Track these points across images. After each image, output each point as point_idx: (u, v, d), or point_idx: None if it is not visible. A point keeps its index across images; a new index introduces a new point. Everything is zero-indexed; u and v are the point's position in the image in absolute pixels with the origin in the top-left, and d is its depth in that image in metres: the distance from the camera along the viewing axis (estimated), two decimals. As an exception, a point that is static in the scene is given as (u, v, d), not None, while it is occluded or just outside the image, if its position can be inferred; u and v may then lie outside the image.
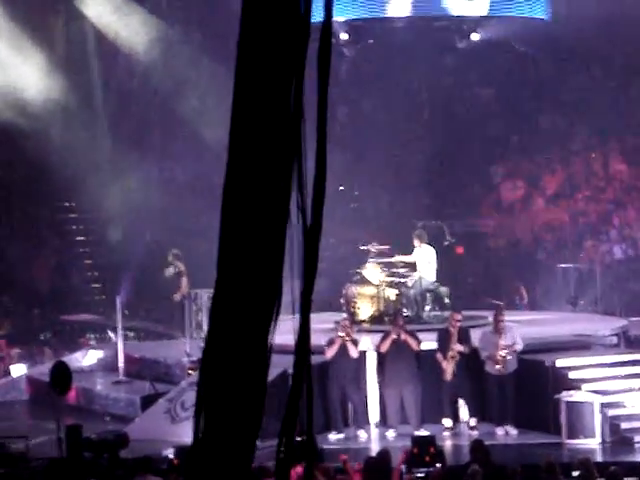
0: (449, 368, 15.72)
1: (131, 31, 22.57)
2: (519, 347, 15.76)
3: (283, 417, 3.89)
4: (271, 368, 3.93)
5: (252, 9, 3.90)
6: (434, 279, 17.85)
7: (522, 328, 16.44)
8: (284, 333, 4.11)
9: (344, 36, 21.81)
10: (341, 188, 23.03)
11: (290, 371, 3.70)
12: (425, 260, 17.85)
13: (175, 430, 14.56)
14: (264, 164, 3.90)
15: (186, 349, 16.90)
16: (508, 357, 15.58)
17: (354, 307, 17.61)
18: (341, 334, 15.65)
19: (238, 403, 3.89)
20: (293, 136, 3.90)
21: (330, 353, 15.61)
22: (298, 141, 3.91)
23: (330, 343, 15.72)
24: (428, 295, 17.80)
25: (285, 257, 3.91)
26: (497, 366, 15.59)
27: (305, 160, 3.85)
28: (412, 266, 17.85)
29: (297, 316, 3.88)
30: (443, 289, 17.95)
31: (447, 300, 17.85)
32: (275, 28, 3.86)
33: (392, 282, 17.70)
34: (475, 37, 20.82)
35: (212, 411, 3.90)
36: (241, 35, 3.91)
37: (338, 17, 19.10)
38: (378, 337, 16.10)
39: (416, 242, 17.89)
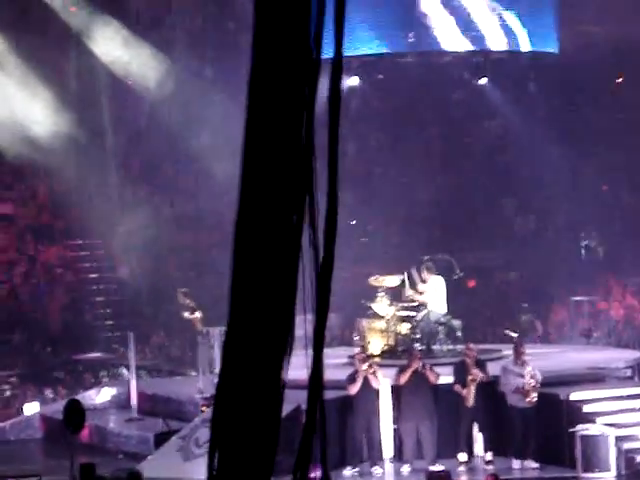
0: (470, 394, 15.61)
1: (141, 67, 22.71)
2: (539, 379, 15.67)
3: (297, 453, 3.86)
4: (285, 403, 3.92)
5: (263, 46, 3.92)
6: (445, 312, 17.82)
7: (537, 361, 16.37)
8: (298, 368, 4.11)
9: (353, 81, 21.84)
10: (353, 223, 23.06)
11: (304, 406, 3.72)
12: (435, 292, 17.85)
13: (189, 468, 14.50)
14: (276, 200, 3.92)
15: (199, 386, 16.86)
16: (537, 386, 15.46)
17: (365, 341, 17.59)
18: (364, 367, 15.58)
19: (252, 440, 3.88)
20: (304, 171, 3.91)
21: (354, 389, 15.51)
22: (309, 176, 3.92)
23: (352, 378, 15.62)
24: (440, 328, 17.76)
25: (297, 292, 3.89)
26: (528, 398, 15.45)
27: (317, 195, 3.86)
28: (422, 299, 17.86)
29: (310, 351, 3.87)
30: (455, 322, 17.91)
31: (459, 333, 17.80)
32: (285, 64, 3.89)
33: (403, 316, 17.69)
34: (483, 81, 20.84)
35: (226, 448, 3.89)
36: (252, 71, 3.93)
37: (349, 52, 19.20)
38: (390, 371, 16.05)
39: (425, 275, 17.90)
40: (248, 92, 3.95)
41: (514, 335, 17.55)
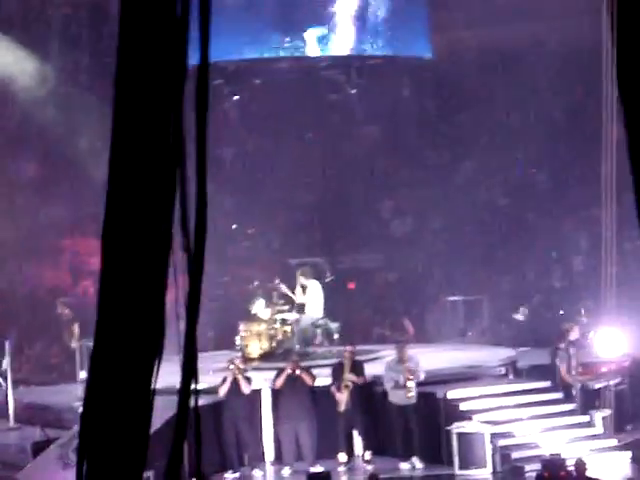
0: (343, 398, 15.82)
1: (12, 69, 22.30)
2: (421, 375, 15.94)
3: (167, 460, 3.87)
4: (166, 410, 3.92)
5: (128, 50, 3.91)
6: (321, 314, 18.06)
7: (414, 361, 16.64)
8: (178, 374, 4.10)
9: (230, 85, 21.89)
10: (234, 227, 23.09)
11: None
12: (311, 296, 18.08)
13: (67, 476, 14.36)
14: (143, 206, 3.91)
15: (78, 394, 16.68)
16: (414, 383, 15.71)
17: (245, 345, 17.67)
18: (231, 368, 15.69)
19: (121, 448, 3.86)
20: (172, 177, 3.90)
21: (222, 391, 15.61)
22: (179, 181, 3.90)
23: (222, 381, 15.73)
24: (317, 330, 17.97)
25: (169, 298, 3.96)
26: (409, 394, 15.70)
27: (189, 200, 3.85)
28: (299, 302, 18.05)
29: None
30: (332, 324, 18.15)
31: (336, 335, 18.04)
32: (151, 69, 3.88)
33: (280, 319, 17.84)
34: (357, 87, 21.13)
35: (95, 456, 3.88)
36: (117, 76, 3.92)
37: (224, 58, 19.22)
38: (270, 374, 16.15)
39: (301, 279, 18.15)
40: (114, 98, 3.94)
41: (385, 334, 17.89)
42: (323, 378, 16.17)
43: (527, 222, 22.51)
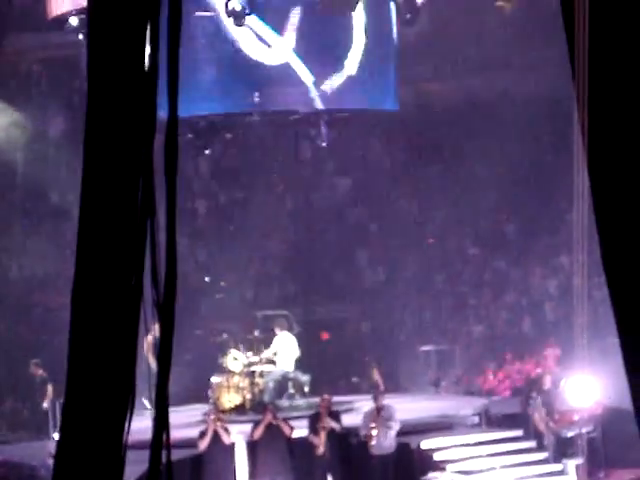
0: (320, 441, 15.80)
1: None
2: (395, 426, 15.94)
3: None
4: (140, 464, 3.92)
5: (97, 106, 3.93)
6: (293, 367, 18.10)
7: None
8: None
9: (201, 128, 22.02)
10: (207, 279, 23.12)
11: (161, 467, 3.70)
12: (283, 348, 18.13)
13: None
14: (113, 261, 3.91)
15: (51, 450, 16.58)
16: (375, 431, 15.74)
17: (217, 398, 17.66)
18: (212, 419, 15.63)
19: None
20: (142, 232, 3.91)
21: (204, 444, 15.53)
22: (149, 236, 3.90)
23: (202, 434, 15.66)
24: (288, 383, 17.99)
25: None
26: (371, 442, 15.74)
27: (159, 253, 3.86)
28: (271, 354, 18.11)
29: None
30: (303, 377, 18.18)
31: (307, 388, 18.07)
32: (120, 126, 3.90)
33: (252, 372, 17.87)
34: (328, 123, 21.32)
35: None
36: (86, 133, 3.94)
37: (193, 112, 19.37)
38: (243, 427, 16.13)
39: (277, 330, 18.20)
40: (84, 151, 3.96)
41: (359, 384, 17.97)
42: (300, 430, 16.16)
43: (497, 271, 22.68)
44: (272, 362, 18.05)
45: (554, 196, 21.04)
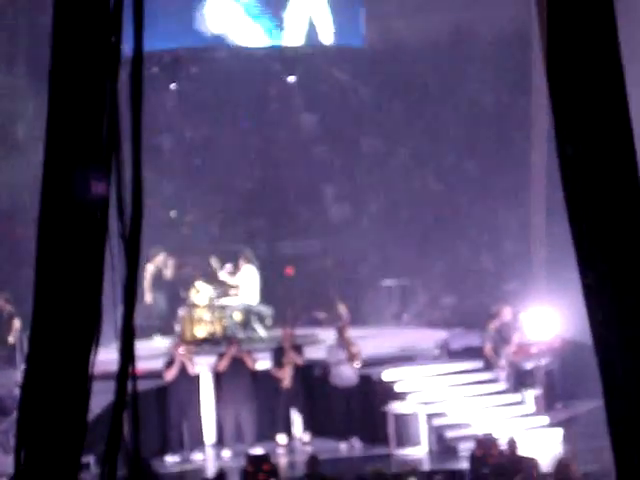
0: (286, 375, 16.07)
1: None
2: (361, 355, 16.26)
3: (106, 444, 3.90)
4: (107, 394, 4.02)
5: (61, 40, 3.94)
6: (257, 300, 18.32)
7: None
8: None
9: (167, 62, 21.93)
10: (172, 214, 23.18)
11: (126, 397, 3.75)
12: (247, 281, 18.33)
13: (7, 461, 14.43)
14: (79, 190, 3.93)
15: (17, 380, 16.73)
16: (359, 355, 16.06)
17: (183, 330, 17.88)
18: (181, 352, 15.85)
19: (59, 433, 3.87)
20: (107, 164, 3.93)
21: (170, 375, 15.75)
22: (115, 168, 3.93)
23: (168, 364, 15.88)
24: (251, 316, 18.23)
25: (108, 286, 3.97)
26: (356, 362, 16.03)
27: (125, 188, 3.91)
28: (237, 287, 18.30)
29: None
30: (265, 309, 18.41)
31: (270, 321, 18.32)
32: (84, 58, 3.92)
33: (217, 304, 18.08)
34: (291, 79, 21.30)
35: (32, 443, 3.87)
36: (52, 65, 3.95)
37: (159, 46, 19.27)
38: (208, 359, 16.37)
39: (241, 263, 18.41)
40: (49, 86, 3.95)
41: (322, 316, 18.22)
42: (264, 362, 16.41)
43: (459, 207, 22.89)
44: (235, 295, 18.26)
45: (516, 134, 21.22)
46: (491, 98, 22.75)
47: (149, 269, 19.27)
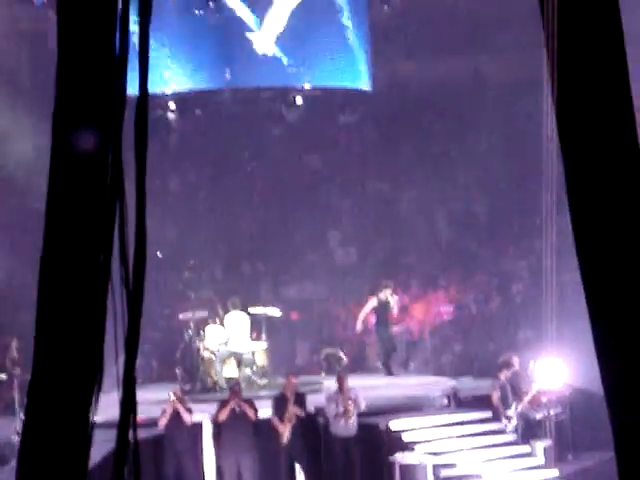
0: (286, 431, 15.80)
1: None
2: (362, 405, 15.95)
3: None
4: (106, 442, 3.92)
5: (66, 82, 3.94)
6: (248, 346, 18.09)
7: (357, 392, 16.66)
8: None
9: (172, 105, 21.94)
10: (159, 255, 22.89)
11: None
12: (236, 327, 18.14)
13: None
14: (82, 235, 3.93)
15: (16, 427, 16.46)
16: (354, 410, 15.75)
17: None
18: (172, 399, 15.61)
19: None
20: (111, 209, 3.91)
21: (163, 422, 15.51)
22: (118, 213, 3.91)
23: (162, 413, 15.64)
24: (247, 362, 18.01)
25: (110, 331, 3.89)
26: (349, 421, 15.73)
27: (128, 232, 3.86)
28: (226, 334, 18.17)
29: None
30: (263, 356, 18.18)
31: (267, 365, 18.11)
32: (89, 101, 3.90)
33: (211, 351, 17.90)
34: (299, 101, 21.28)
35: None
36: (56, 106, 3.94)
37: (164, 89, 19.26)
38: (210, 407, 16.10)
39: (230, 308, 18.30)
40: (53, 131, 3.96)
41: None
42: (265, 410, 16.13)
43: (469, 252, 22.73)
44: (225, 342, 18.08)
45: (526, 178, 21.08)
46: (502, 141, 22.68)
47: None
